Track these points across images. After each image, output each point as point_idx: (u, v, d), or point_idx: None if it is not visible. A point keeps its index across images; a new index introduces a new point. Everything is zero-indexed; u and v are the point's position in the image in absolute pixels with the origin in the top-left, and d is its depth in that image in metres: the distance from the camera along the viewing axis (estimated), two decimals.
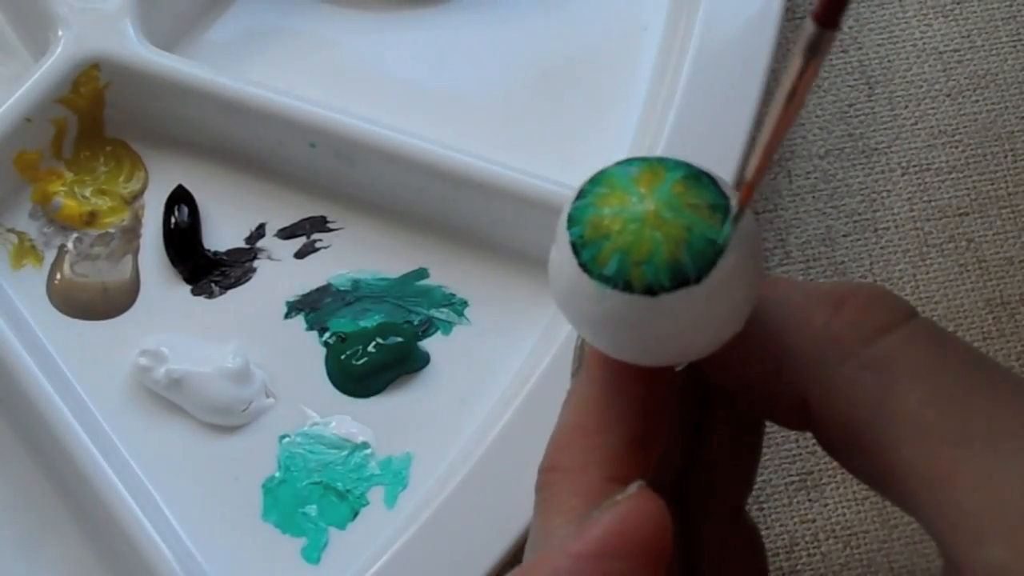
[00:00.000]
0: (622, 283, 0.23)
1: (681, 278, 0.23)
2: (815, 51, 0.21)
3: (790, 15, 0.44)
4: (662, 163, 0.24)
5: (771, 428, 0.32)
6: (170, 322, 0.40)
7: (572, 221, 0.24)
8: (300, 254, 0.41)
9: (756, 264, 0.24)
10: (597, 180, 0.24)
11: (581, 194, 0.24)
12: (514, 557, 0.36)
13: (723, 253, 0.23)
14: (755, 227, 0.24)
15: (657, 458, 0.26)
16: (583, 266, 0.23)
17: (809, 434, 0.39)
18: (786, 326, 0.25)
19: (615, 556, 0.23)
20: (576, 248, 0.23)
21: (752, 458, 0.30)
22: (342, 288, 0.40)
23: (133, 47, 0.40)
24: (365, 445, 0.38)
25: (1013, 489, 0.22)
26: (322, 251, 0.41)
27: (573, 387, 0.27)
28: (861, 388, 0.24)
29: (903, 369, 0.24)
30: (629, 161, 0.24)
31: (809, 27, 0.21)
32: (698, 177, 0.24)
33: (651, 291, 0.23)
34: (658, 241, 0.23)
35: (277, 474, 0.38)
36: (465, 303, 0.40)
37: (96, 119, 0.41)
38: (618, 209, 0.23)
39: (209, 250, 0.41)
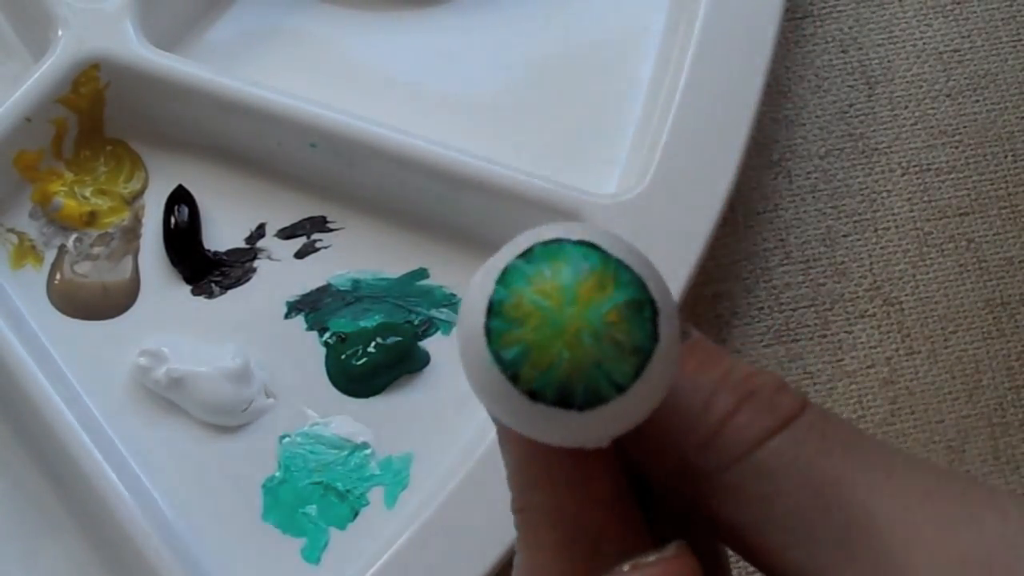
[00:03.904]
0: (512, 375, 0.21)
1: (566, 402, 0.21)
2: None
3: (790, 15, 0.44)
4: (617, 271, 0.22)
5: None
6: (170, 322, 0.40)
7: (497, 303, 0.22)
8: (300, 254, 0.41)
9: (669, 376, 0.22)
10: (543, 256, 0.22)
11: (526, 257, 0.22)
12: (513, 557, 0.35)
13: (623, 393, 0.21)
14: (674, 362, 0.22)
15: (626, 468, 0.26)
16: (495, 354, 0.21)
17: None
18: (680, 425, 0.25)
19: None
20: (490, 311, 0.21)
21: None
22: (342, 288, 0.40)
23: (133, 47, 0.40)
24: (365, 445, 0.38)
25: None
26: (322, 251, 0.41)
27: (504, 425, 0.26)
28: (747, 494, 0.25)
29: (785, 474, 0.24)
30: (586, 252, 0.22)
31: None
32: (640, 308, 0.22)
33: (533, 396, 0.21)
34: (564, 358, 0.21)
35: (277, 474, 0.38)
36: None
37: (96, 119, 0.41)
38: (545, 307, 0.21)
39: (209, 250, 0.41)
